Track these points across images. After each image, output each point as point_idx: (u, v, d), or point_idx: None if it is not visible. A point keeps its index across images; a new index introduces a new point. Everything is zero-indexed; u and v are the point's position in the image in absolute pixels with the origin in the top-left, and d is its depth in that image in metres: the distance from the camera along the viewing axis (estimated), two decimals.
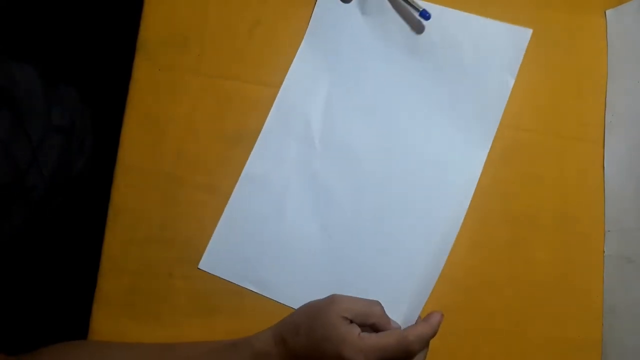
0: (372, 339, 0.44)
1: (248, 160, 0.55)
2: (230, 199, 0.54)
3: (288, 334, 0.46)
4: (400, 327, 0.49)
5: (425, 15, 0.52)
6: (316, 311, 0.46)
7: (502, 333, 0.53)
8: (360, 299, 0.47)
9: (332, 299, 0.46)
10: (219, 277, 0.53)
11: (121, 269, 0.52)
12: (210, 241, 0.53)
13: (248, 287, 0.52)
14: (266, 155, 0.55)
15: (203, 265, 0.53)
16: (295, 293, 0.51)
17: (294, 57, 0.57)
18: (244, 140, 0.56)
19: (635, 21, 0.57)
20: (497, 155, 0.56)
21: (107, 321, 0.52)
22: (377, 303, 0.48)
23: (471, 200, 0.55)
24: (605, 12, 0.60)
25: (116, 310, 0.52)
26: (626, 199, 0.54)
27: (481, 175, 0.56)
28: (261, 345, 0.46)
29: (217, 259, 0.53)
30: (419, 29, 0.56)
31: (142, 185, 0.54)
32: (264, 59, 0.57)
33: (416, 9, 0.53)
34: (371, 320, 0.46)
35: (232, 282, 0.53)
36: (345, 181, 0.54)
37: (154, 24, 0.58)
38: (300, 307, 0.49)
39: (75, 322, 0.52)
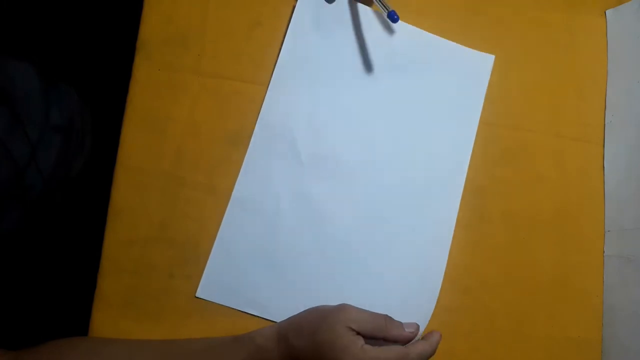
0: (373, 352, 0.44)
1: (235, 184, 0.54)
2: (222, 224, 0.53)
3: (291, 333, 0.46)
4: (418, 326, 0.49)
5: (393, 17, 0.51)
6: (324, 316, 0.46)
7: (502, 333, 0.53)
8: (369, 312, 0.47)
9: (341, 307, 0.47)
10: (220, 304, 0.52)
11: (121, 269, 0.52)
12: (206, 268, 0.53)
13: (248, 312, 0.52)
14: (254, 178, 0.54)
15: (200, 293, 0.52)
16: (295, 312, 0.51)
17: None
18: (244, 140, 0.56)
19: (635, 21, 0.57)
20: (497, 155, 0.56)
21: (107, 321, 0.51)
22: (385, 317, 0.48)
23: (471, 200, 0.55)
24: (605, 12, 0.60)
25: (116, 310, 0.52)
26: (626, 199, 0.54)
27: (481, 175, 0.56)
28: (263, 340, 0.46)
29: (214, 285, 0.52)
30: (391, 40, 0.57)
31: (142, 185, 0.54)
32: (264, 59, 0.57)
33: (386, 8, 0.52)
34: (380, 335, 0.46)
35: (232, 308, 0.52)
36: (334, 195, 0.54)
37: (154, 24, 0.58)
38: (309, 310, 0.49)
39: (75, 322, 0.52)
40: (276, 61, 0.56)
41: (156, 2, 0.58)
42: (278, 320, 0.51)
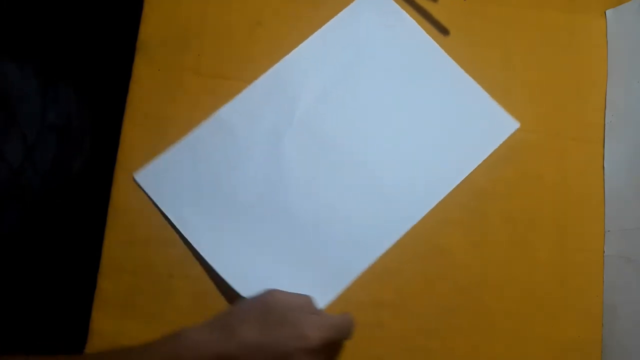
0: (325, 317, 0.44)
1: (225, 106, 0.55)
2: (194, 131, 0.54)
3: (236, 322, 0.43)
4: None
5: None
6: (261, 300, 0.45)
7: (502, 333, 0.53)
8: (294, 293, 0.47)
9: (269, 291, 0.46)
10: (147, 194, 0.53)
11: (121, 269, 0.52)
12: (157, 158, 0.54)
13: (168, 217, 0.52)
14: (243, 109, 0.55)
15: (139, 177, 0.53)
16: (210, 240, 0.52)
17: None
18: None
19: (635, 21, 0.57)
20: (497, 155, 0.56)
21: (107, 321, 0.51)
22: (309, 297, 0.47)
23: (471, 200, 0.55)
24: (605, 12, 0.60)
25: (116, 310, 0.52)
26: (626, 199, 0.54)
27: (481, 175, 0.56)
28: (197, 335, 0.43)
29: (155, 177, 0.53)
30: (425, 63, 0.58)
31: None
32: (264, 59, 0.57)
33: None
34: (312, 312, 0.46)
35: (158, 207, 0.53)
36: (306, 165, 0.54)
37: (154, 24, 0.58)
38: (240, 301, 0.46)
39: (75, 322, 0.52)
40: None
41: (156, 2, 0.58)
42: (188, 239, 0.52)
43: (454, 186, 0.55)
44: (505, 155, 0.56)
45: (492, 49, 0.59)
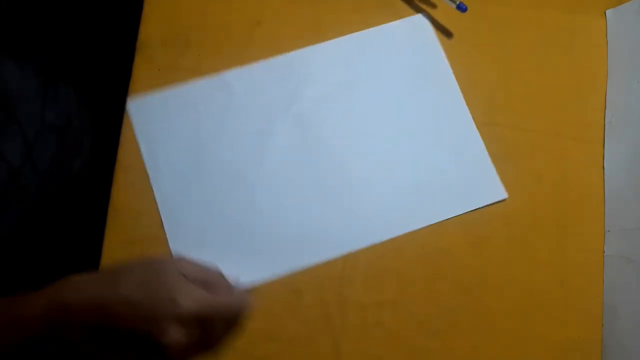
0: (214, 296, 0.41)
1: (233, 69, 0.57)
2: (195, 82, 0.56)
3: (122, 276, 0.41)
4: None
5: (462, 7, 0.56)
6: (158, 261, 0.43)
7: (502, 333, 0.53)
8: (198, 264, 0.44)
9: (170, 257, 0.45)
10: (132, 125, 0.54)
11: None
12: (153, 93, 0.56)
13: (141, 152, 0.54)
14: (249, 79, 0.57)
15: (131, 105, 0.55)
16: (170, 188, 0.53)
17: None
18: None
19: (635, 21, 0.57)
20: (497, 155, 0.56)
21: None
22: (217, 269, 0.45)
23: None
24: (605, 12, 0.60)
25: None
26: (626, 199, 0.54)
27: None
28: (81, 282, 0.41)
29: (146, 111, 0.55)
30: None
31: (142, 185, 0.54)
32: (264, 59, 0.57)
33: (453, 2, 0.56)
34: (211, 287, 0.43)
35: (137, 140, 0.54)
36: (287, 151, 0.55)
37: (154, 24, 0.58)
38: (139, 259, 0.44)
39: None
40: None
41: (156, 2, 0.58)
42: (152, 180, 0.54)
43: (417, 228, 0.54)
44: (505, 155, 0.56)
45: (492, 49, 0.59)
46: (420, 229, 0.54)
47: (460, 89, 0.58)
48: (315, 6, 0.59)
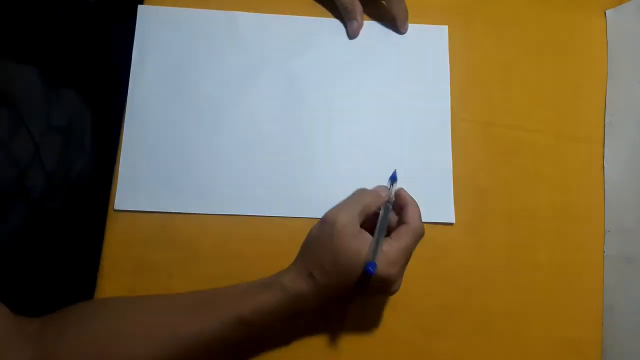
0: (392, 247, 0.44)
1: (245, 12, 0.57)
2: (206, 11, 0.57)
3: (315, 269, 0.44)
4: (387, 188, 0.48)
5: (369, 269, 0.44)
6: (327, 240, 0.44)
7: (502, 333, 0.53)
8: (346, 202, 0.46)
9: (328, 222, 0.45)
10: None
11: (121, 269, 0.52)
12: (163, 8, 0.56)
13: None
14: (257, 28, 0.57)
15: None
16: (142, 117, 0.54)
17: None
18: None
19: (635, 21, 0.57)
20: (498, 155, 0.56)
21: None
22: (361, 192, 0.47)
23: (472, 200, 0.55)
24: (605, 12, 0.60)
25: None
26: (626, 199, 0.54)
27: (482, 175, 0.56)
28: (293, 285, 0.44)
29: (151, 22, 0.56)
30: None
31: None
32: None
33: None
34: (371, 210, 0.46)
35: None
36: (270, 102, 0.55)
37: None
38: (309, 240, 0.47)
39: None
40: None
41: (156, 3, 0.58)
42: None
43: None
44: (505, 155, 0.56)
45: (492, 49, 0.59)
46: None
47: (461, 88, 0.58)
48: (315, 6, 0.59)
